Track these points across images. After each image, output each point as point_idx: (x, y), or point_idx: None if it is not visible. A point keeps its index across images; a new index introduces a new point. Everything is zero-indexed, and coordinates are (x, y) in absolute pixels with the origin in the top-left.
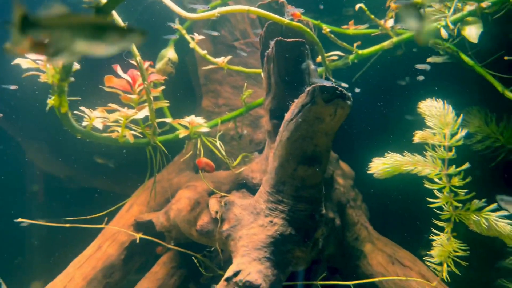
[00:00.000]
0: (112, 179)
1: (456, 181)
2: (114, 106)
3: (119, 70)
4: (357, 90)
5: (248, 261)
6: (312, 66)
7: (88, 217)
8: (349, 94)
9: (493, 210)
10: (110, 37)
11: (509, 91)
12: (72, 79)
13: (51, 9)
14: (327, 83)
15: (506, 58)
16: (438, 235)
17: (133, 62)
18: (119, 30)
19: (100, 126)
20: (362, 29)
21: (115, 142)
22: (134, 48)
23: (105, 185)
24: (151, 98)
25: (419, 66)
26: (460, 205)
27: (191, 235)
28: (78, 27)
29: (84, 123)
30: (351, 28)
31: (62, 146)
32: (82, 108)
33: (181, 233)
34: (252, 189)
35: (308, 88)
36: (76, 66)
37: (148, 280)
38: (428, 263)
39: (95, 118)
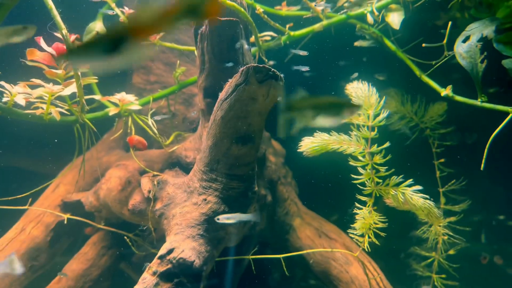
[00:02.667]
0: (35, 157)
1: (377, 159)
2: (38, 81)
3: (43, 43)
4: (306, 68)
5: (182, 239)
6: (246, 46)
7: (9, 198)
8: (282, 75)
9: (409, 186)
10: (343, 113)
11: (426, 76)
12: None
13: (297, 94)
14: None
15: (424, 45)
16: (361, 209)
17: (58, 35)
18: (348, 105)
19: (22, 102)
20: (294, 10)
21: (39, 119)
22: (59, 20)
23: (28, 164)
24: (79, 73)
25: (299, 53)
26: (381, 181)
27: (122, 215)
28: (321, 107)
29: (5, 99)
30: (284, 9)
31: None
32: (1, 83)
33: (112, 212)
34: (185, 167)
35: (242, 68)
36: None
37: (78, 261)
38: (351, 235)
39: (16, 94)
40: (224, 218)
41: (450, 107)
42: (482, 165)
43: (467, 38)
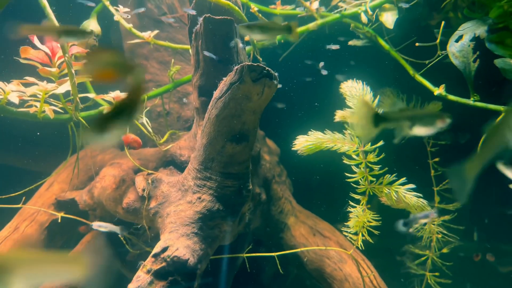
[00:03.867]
0: (29, 155)
1: (371, 157)
2: (32, 79)
3: (37, 41)
4: (324, 72)
5: (176, 237)
6: (240, 45)
7: (3, 196)
8: (276, 74)
9: (402, 184)
10: (437, 122)
11: (419, 75)
12: None
13: (393, 106)
14: None
15: (417, 44)
16: (355, 207)
17: None
18: (441, 116)
19: (16, 100)
20: (288, 9)
21: (33, 117)
22: (53, 18)
23: (21, 162)
24: (73, 71)
25: (332, 47)
26: (374, 179)
27: (116, 213)
28: (415, 118)
29: None
30: (278, 8)
31: None
32: None
33: (106, 211)
34: (180, 166)
35: (236, 67)
36: None
37: None
38: (345, 233)
39: (10, 91)
40: (97, 226)
41: (444, 106)
42: None
43: (460, 38)
